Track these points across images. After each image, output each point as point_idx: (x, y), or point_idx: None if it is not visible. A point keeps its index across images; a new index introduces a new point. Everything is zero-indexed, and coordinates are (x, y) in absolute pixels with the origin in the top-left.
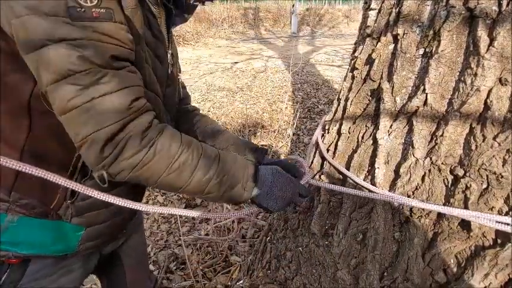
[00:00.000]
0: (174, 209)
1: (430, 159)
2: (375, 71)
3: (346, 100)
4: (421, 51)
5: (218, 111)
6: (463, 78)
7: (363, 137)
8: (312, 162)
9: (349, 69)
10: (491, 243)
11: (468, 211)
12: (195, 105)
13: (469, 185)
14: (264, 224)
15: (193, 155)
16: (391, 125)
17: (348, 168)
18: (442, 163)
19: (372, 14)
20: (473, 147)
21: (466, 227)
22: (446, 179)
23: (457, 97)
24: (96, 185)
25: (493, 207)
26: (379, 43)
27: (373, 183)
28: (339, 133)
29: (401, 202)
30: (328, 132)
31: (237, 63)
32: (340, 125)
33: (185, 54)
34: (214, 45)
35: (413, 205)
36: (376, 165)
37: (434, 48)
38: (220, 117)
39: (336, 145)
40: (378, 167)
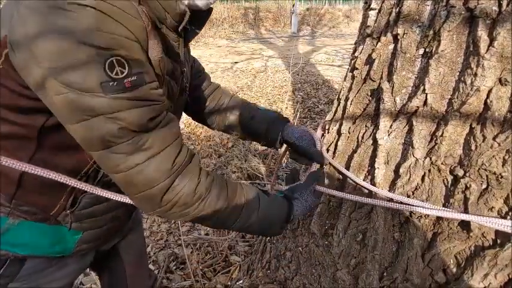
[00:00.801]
0: None
1: (430, 159)
2: (375, 71)
3: (346, 100)
4: (421, 51)
5: None
6: (463, 78)
7: (362, 137)
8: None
9: (349, 69)
10: (491, 244)
11: (467, 215)
12: (214, 82)
13: (468, 185)
14: None
15: (237, 208)
16: (391, 125)
17: (348, 168)
18: (441, 163)
19: (372, 14)
20: (473, 148)
21: (465, 227)
22: (446, 179)
23: (457, 97)
24: (96, 198)
25: (492, 208)
26: (379, 43)
27: (373, 183)
28: (338, 133)
29: (400, 208)
30: (328, 132)
31: (237, 63)
32: (340, 125)
33: None
34: (214, 45)
35: (412, 209)
36: (376, 165)
37: (434, 48)
38: None
39: (335, 145)
40: (378, 167)
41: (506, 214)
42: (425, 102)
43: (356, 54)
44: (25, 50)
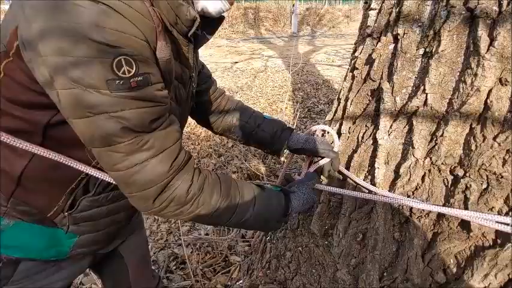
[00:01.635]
0: None
1: (430, 159)
2: (375, 71)
3: (346, 100)
4: (421, 51)
5: None
6: (463, 78)
7: (363, 137)
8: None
9: (349, 69)
10: (491, 244)
11: (467, 211)
12: (220, 88)
13: (469, 185)
14: None
15: (232, 203)
16: (391, 125)
17: (348, 168)
18: (442, 163)
19: (372, 14)
20: (473, 148)
21: (465, 227)
22: (446, 179)
23: (457, 97)
24: (96, 201)
25: (493, 208)
26: (379, 43)
27: (373, 183)
28: (339, 133)
29: (400, 203)
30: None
31: (237, 62)
32: (340, 125)
33: None
34: (214, 45)
35: (412, 205)
36: (376, 165)
37: (434, 48)
38: None
39: None
40: (378, 167)
41: (507, 214)
42: (425, 102)
43: (356, 54)
44: (34, 45)
